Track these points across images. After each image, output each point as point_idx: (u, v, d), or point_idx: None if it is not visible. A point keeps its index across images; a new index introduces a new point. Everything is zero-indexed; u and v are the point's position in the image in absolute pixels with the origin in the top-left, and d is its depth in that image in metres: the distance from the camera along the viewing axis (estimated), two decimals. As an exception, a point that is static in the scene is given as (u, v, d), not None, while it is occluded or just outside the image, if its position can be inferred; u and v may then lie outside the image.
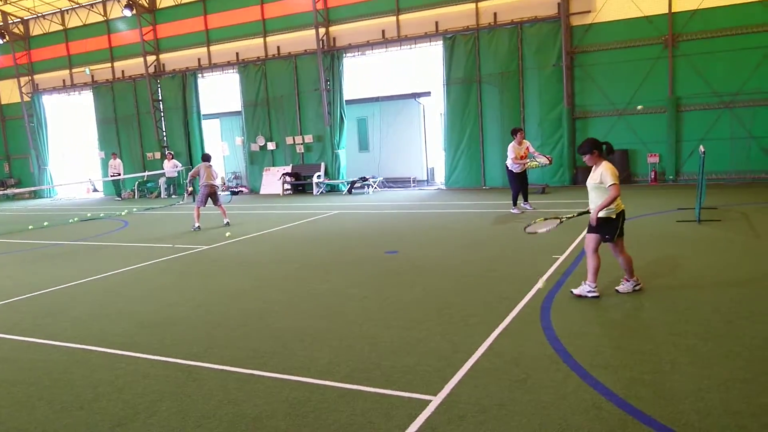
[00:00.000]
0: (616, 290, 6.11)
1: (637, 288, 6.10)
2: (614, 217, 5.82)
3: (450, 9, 18.69)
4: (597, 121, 17.29)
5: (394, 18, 19.50)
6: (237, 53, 22.34)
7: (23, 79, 27.45)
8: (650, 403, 3.72)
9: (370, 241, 10.17)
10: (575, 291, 6.04)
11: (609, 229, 5.84)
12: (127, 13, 22.84)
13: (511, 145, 12.67)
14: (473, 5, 18.34)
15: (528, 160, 12.61)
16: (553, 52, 17.36)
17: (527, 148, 12.85)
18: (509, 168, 12.73)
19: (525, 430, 3.50)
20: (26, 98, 27.51)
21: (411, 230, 11.29)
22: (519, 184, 12.79)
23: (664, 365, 4.30)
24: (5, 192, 25.98)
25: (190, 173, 13.53)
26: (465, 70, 18.60)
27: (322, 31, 20.37)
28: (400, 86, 21.66)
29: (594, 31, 16.95)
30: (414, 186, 21.10)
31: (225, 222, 13.12)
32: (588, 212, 6.03)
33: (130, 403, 4.21)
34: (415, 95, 21.36)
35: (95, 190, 27.59)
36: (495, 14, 18.14)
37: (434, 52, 19.43)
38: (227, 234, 11.88)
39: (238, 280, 7.97)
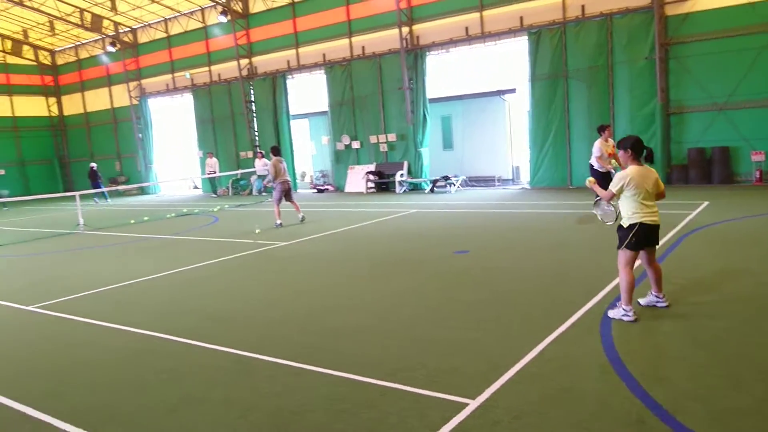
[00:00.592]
0: (638, 302, 5.65)
1: (660, 305, 5.56)
2: (626, 226, 5.36)
3: (535, 3, 18.19)
4: (694, 117, 16.22)
5: (477, 14, 19.24)
6: (324, 54, 22.89)
7: (132, 84, 29.56)
8: (700, 419, 3.49)
9: (443, 240, 10.12)
10: (610, 314, 5.45)
11: (623, 239, 5.37)
12: (222, 19, 24.03)
13: (597, 142, 12.19)
14: (560, -2, 17.76)
15: (612, 159, 12.08)
16: (646, 45, 16.45)
17: (614, 146, 12.31)
18: (593, 166, 12.26)
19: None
20: (134, 101, 29.61)
21: (486, 230, 11.13)
22: (603, 183, 12.27)
23: (724, 381, 4.01)
24: (116, 188, 28.22)
25: (269, 171, 13.67)
26: (551, 65, 18.05)
27: (405, 30, 20.46)
28: (484, 83, 21.36)
29: (691, 20, 15.89)
30: (498, 185, 20.74)
31: (300, 217, 13.45)
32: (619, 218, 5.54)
33: (185, 391, 4.47)
34: (500, 92, 20.99)
35: (195, 187, 29.27)
36: (583, 7, 17.45)
37: (519, 47, 18.99)
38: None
39: (307, 277, 8.22)
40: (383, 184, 21.33)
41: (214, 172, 24.48)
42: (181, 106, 29.02)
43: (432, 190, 19.60)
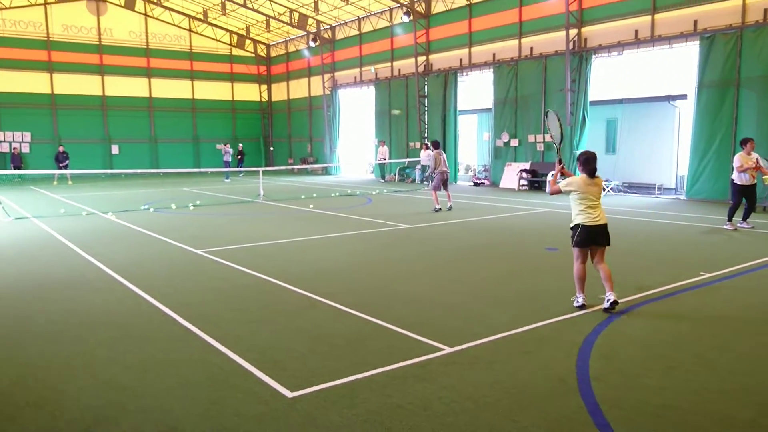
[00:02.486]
0: (604, 307, 6.23)
1: (605, 304, 6.13)
2: (572, 225, 6.37)
3: (712, 6, 17.34)
4: None
5: (648, 17, 18.81)
6: (494, 54, 23.87)
7: (326, 76, 33.21)
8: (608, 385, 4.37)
9: (549, 239, 10.86)
10: (573, 300, 6.40)
11: (571, 235, 6.39)
12: (405, 19, 26.15)
13: (738, 155, 11.95)
14: (740, 1, 16.73)
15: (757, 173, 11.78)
16: (833, 53, 15.00)
17: (757, 160, 11.92)
18: (734, 180, 12.03)
19: (505, 377, 4.51)
20: (327, 91, 33.25)
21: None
22: (740, 198, 11.97)
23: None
24: (306, 167, 32.21)
25: (432, 161, 15.57)
26: (722, 72, 17.12)
27: (573, 32, 20.66)
28: (652, 87, 20.70)
29: None
30: (659, 193, 20.09)
31: (449, 206, 15.23)
32: (560, 161, 7.12)
33: (265, 314, 6.29)
34: (669, 98, 20.22)
35: (371, 172, 32.11)
36: (765, 10, 16.29)
37: (689, 52, 18.22)
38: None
39: (406, 253, 9.71)
40: (535, 182, 21.85)
41: (384, 159, 26.87)
42: (365, 98, 31.95)
43: (581, 193, 19.70)
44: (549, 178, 6.84)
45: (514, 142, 23.26)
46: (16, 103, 30.99)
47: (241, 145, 32.91)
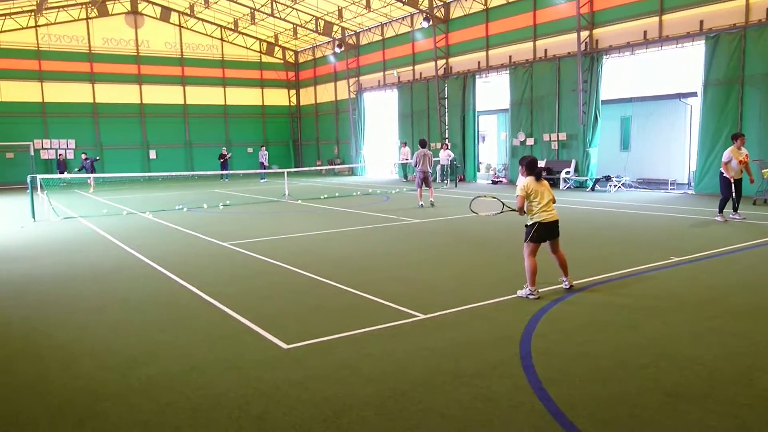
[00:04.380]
0: (564, 287, 7.10)
1: (564, 285, 7.08)
2: (529, 224, 6.87)
3: (717, 6, 17.90)
4: None
5: (656, 18, 19.44)
6: (510, 56, 24.70)
7: (352, 80, 34.43)
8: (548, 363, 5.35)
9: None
10: (519, 293, 6.85)
11: (527, 233, 6.90)
12: (425, 24, 27.15)
13: (728, 149, 12.62)
14: (743, 1, 17.27)
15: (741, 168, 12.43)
16: (832, 50, 15.45)
17: (746, 155, 12.60)
18: (723, 173, 12.68)
19: (461, 335, 5.54)
20: (352, 95, 34.46)
21: (584, 227, 12.44)
22: (730, 191, 12.62)
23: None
24: (332, 168, 33.47)
25: (413, 160, 16.57)
26: (727, 70, 17.66)
27: (584, 34, 21.36)
28: (664, 86, 21.26)
29: None
30: (672, 188, 20.63)
31: (430, 201, 16.15)
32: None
33: (274, 292, 7.42)
34: (680, 95, 20.73)
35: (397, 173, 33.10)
36: (768, 10, 16.83)
37: (697, 51, 18.78)
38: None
39: (409, 244, 10.75)
40: (549, 179, 22.49)
41: (406, 160, 27.90)
42: (388, 100, 33.05)
43: (593, 189, 20.44)
44: (516, 206, 7.36)
45: (530, 141, 24.04)
46: (62, 112, 33.08)
47: (225, 148, 34.78)
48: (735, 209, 12.75)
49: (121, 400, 4.34)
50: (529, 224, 6.96)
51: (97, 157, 29.09)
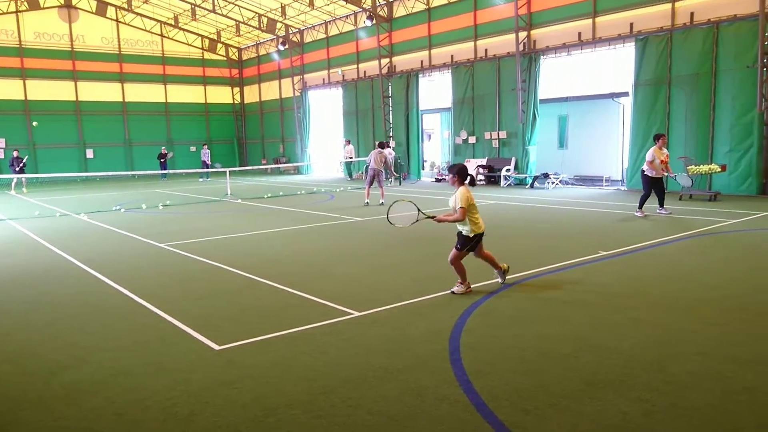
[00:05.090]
0: (500, 282, 7.27)
1: (501, 281, 7.24)
2: (471, 236, 6.78)
3: (645, 10, 18.69)
4: (798, 128, 15.89)
5: (590, 20, 20.13)
6: (452, 56, 25.07)
7: (296, 78, 34.19)
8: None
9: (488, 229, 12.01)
10: (455, 290, 6.88)
11: (465, 244, 6.80)
12: (369, 23, 27.23)
13: (651, 149, 13.20)
14: (669, 5, 18.10)
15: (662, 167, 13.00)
16: (750, 53, 16.37)
17: (667, 155, 13.25)
18: (644, 172, 13.26)
19: (393, 331, 5.63)
20: (297, 93, 34.23)
21: (521, 223, 12.80)
22: (651, 188, 13.21)
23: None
24: (278, 167, 33.17)
25: (368, 158, 16.71)
26: (655, 71, 18.48)
27: (523, 34, 21.90)
28: (599, 86, 22.07)
29: (800, 29, 15.56)
30: (607, 185, 21.40)
31: (380, 202, 16.20)
32: (433, 217, 6.86)
33: (209, 291, 7.34)
34: (613, 95, 21.58)
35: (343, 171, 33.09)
36: (692, 14, 17.67)
37: (628, 53, 19.56)
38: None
39: (345, 242, 10.80)
40: (491, 177, 23.08)
41: (351, 158, 27.95)
42: (333, 99, 32.99)
43: (532, 186, 21.01)
44: (443, 216, 7.06)
45: (472, 140, 24.48)
46: (-10, 109, 31.56)
47: (164, 147, 34.34)
48: (661, 204, 13.36)
49: (43, 406, 4.24)
50: (470, 236, 6.82)
51: (24, 160, 25.72)
